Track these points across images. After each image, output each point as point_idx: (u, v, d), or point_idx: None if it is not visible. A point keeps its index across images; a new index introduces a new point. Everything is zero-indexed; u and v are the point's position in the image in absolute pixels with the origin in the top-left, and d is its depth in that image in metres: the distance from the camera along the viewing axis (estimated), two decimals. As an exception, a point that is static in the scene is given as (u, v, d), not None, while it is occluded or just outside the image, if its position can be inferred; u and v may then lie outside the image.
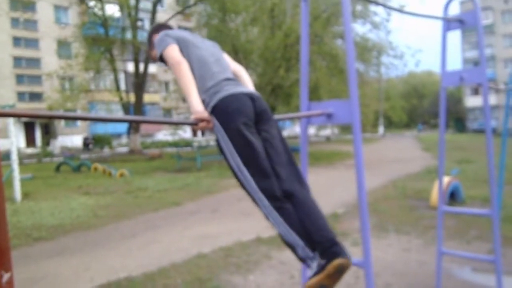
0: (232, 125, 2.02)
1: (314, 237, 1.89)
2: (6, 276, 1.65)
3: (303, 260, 1.93)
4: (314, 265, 1.86)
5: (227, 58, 2.54)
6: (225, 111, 2.05)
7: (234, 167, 2.03)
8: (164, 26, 2.68)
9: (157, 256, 5.55)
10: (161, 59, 2.32)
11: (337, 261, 1.81)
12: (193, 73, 2.20)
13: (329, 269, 1.80)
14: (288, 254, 5.41)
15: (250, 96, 2.16)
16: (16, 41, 33.59)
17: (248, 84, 2.50)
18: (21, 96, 33.83)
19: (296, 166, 2.16)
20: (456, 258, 4.85)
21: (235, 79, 2.32)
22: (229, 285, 4.42)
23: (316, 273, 1.83)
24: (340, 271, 1.82)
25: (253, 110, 2.11)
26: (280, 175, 2.02)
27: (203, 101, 2.13)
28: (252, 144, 2.01)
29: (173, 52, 2.20)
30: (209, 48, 2.41)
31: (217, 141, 2.10)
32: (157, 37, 2.37)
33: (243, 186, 2.04)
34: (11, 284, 1.66)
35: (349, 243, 5.85)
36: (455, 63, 47.87)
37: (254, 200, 2.02)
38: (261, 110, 2.16)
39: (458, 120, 51.49)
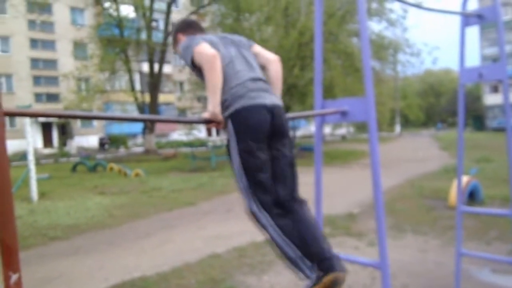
0: (245, 139, 2.04)
1: (312, 249, 1.95)
2: (14, 277, 1.62)
3: (301, 270, 1.97)
4: (313, 276, 1.92)
5: (257, 49, 2.46)
6: (243, 123, 2.05)
7: (237, 174, 2.11)
8: (190, 24, 2.58)
9: (171, 256, 5.53)
10: (193, 64, 2.18)
11: (333, 275, 1.88)
12: None
13: (325, 282, 1.87)
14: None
15: (271, 110, 2.11)
16: (33, 43, 34.08)
17: (275, 82, 2.42)
18: (38, 97, 34.33)
19: (297, 185, 2.20)
20: (475, 259, 4.73)
21: (261, 78, 2.24)
22: (243, 285, 4.37)
23: (314, 284, 1.90)
24: (336, 284, 1.89)
25: (270, 125, 2.10)
26: (279, 193, 2.08)
27: (225, 101, 2.08)
28: (258, 161, 2.05)
29: (205, 48, 2.10)
30: (235, 46, 2.34)
31: (228, 144, 2.12)
32: (183, 43, 2.28)
33: (241, 193, 2.11)
34: (19, 285, 1.63)
35: (365, 244, 5.76)
36: (473, 60, 47.01)
37: (250, 209, 2.08)
38: (279, 126, 2.14)
39: (476, 118, 50.55)
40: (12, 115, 1.70)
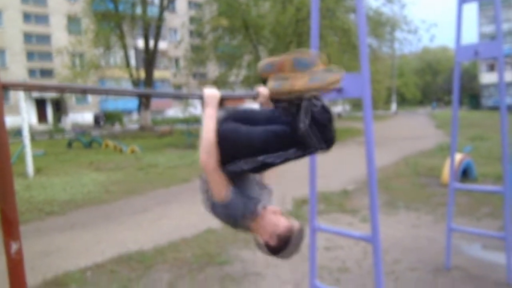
0: None
1: None
2: (15, 246, 1.66)
3: None
4: None
5: None
6: None
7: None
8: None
9: (168, 231, 5.60)
10: None
11: None
12: None
13: None
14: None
15: None
16: (26, 17, 33.51)
17: None
18: (32, 72, 33.95)
19: None
20: (467, 235, 4.82)
21: None
22: (238, 259, 4.45)
23: None
24: None
25: None
26: None
27: None
28: None
29: None
30: None
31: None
32: None
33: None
34: (19, 253, 1.68)
35: (358, 220, 5.84)
36: (471, 38, 46.69)
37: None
38: None
39: (473, 97, 50.57)
40: (9, 87, 1.70)
